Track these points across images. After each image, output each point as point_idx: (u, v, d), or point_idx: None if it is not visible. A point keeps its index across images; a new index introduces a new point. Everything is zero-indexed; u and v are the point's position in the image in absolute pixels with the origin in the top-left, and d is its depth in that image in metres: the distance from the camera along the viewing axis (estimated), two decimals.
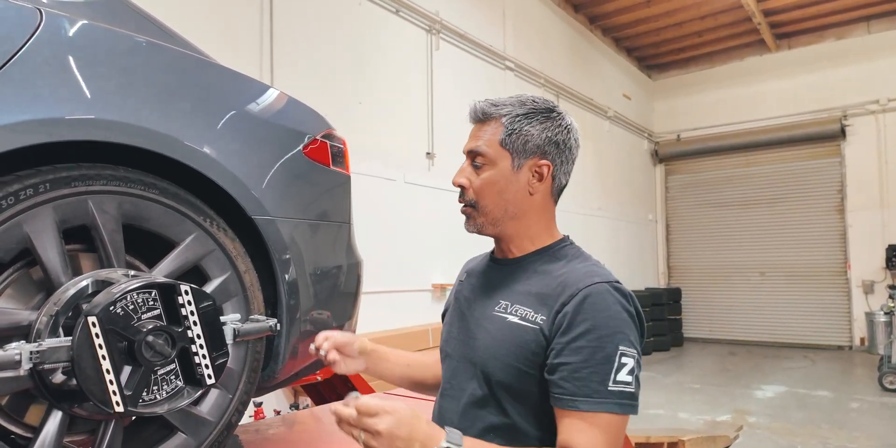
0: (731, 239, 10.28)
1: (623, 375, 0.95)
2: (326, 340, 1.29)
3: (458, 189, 1.14)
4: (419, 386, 1.38)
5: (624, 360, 0.95)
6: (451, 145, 5.95)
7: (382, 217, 5.14)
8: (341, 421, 0.87)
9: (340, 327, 1.72)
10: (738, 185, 10.26)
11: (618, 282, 1.03)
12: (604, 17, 9.07)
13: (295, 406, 4.04)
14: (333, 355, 1.28)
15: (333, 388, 3.11)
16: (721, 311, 10.32)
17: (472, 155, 1.11)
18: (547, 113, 1.10)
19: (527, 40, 7.49)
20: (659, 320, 9.18)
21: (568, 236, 1.17)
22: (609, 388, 0.94)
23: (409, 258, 5.35)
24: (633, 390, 0.96)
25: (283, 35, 4.44)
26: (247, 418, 3.35)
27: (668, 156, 10.93)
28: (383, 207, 5.17)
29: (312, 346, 1.29)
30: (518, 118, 1.08)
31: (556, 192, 1.14)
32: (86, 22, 1.23)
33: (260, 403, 3.66)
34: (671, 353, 9.08)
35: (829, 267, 9.45)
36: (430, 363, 1.36)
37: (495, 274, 1.16)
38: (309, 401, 3.48)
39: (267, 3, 4.35)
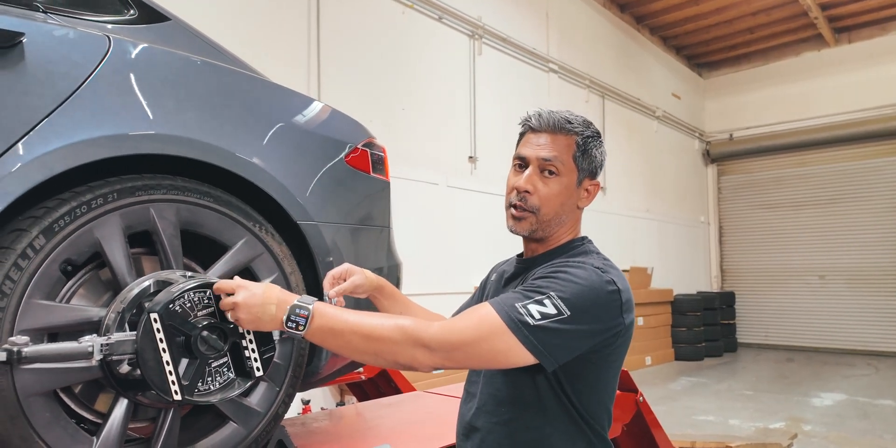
0: (789, 241, 9.91)
1: (533, 308, 1.00)
2: (334, 289, 1.26)
3: (516, 192, 1.17)
4: None
5: (547, 303, 1.01)
6: (493, 149, 6.00)
7: (425, 221, 5.23)
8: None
9: None
10: (794, 185, 9.89)
11: (604, 270, 1.09)
12: (651, 16, 8.93)
13: (341, 404, 4.16)
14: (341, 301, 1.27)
15: (377, 386, 3.21)
16: (778, 315, 9.95)
17: (544, 163, 1.15)
18: (600, 137, 1.21)
19: (571, 42, 7.46)
20: (711, 325, 8.93)
21: (586, 236, 1.25)
22: (514, 305, 1.02)
23: (451, 261, 5.43)
24: (528, 321, 1.00)
25: (330, 46, 4.60)
26: (295, 415, 3.49)
27: (720, 156, 10.63)
28: (426, 211, 5.26)
29: (325, 294, 1.26)
30: (589, 139, 1.17)
31: None
32: (147, 45, 1.35)
33: (307, 401, 3.80)
34: (724, 358, 8.83)
35: (894, 270, 9.00)
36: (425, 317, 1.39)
37: (518, 270, 1.26)
38: (354, 399, 3.59)
39: (314, 16, 4.52)
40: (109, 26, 1.42)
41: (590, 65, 7.75)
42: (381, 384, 3.18)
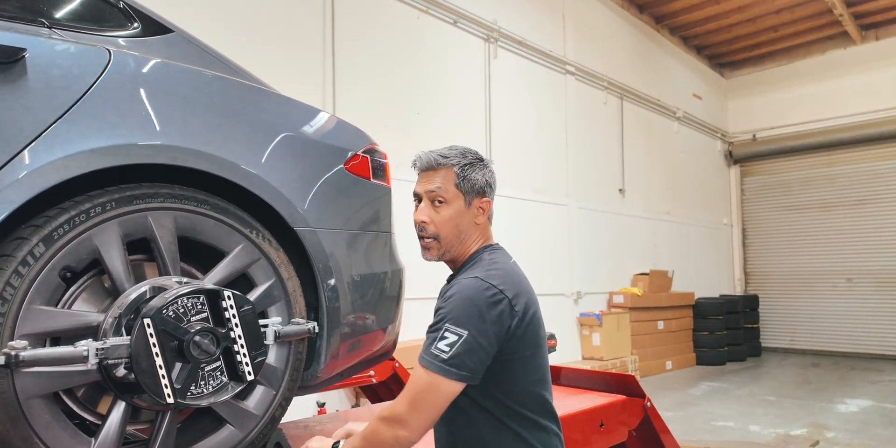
0: (814, 243, 9.70)
1: (441, 345, 1.20)
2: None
3: (417, 225, 1.37)
4: None
5: (447, 334, 1.21)
6: (508, 152, 5.99)
7: None
8: None
9: (384, 331, 1.82)
10: (820, 186, 9.68)
11: (484, 278, 1.25)
12: (670, 16, 8.84)
13: (357, 406, 4.19)
14: None
15: (389, 388, 3.23)
16: (804, 319, 9.74)
17: (431, 194, 1.36)
18: (481, 162, 1.40)
19: (588, 43, 7.42)
20: (734, 329, 8.77)
21: (489, 245, 1.40)
22: (430, 350, 1.22)
23: None
24: (444, 357, 1.19)
25: (345, 51, 4.65)
26: (311, 416, 3.52)
27: (743, 157, 10.45)
28: None
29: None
30: (466, 167, 1.37)
31: (490, 217, 1.45)
32: (147, 57, 1.39)
33: (323, 403, 3.84)
34: (747, 363, 8.67)
35: None
36: None
37: (444, 289, 1.40)
38: (369, 402, 3.61)
39: (329, 22, 4.57)
40: (114, 40, 1.46)
41: (608, 66, 7.69)
42: (394, 387, 3.20)
